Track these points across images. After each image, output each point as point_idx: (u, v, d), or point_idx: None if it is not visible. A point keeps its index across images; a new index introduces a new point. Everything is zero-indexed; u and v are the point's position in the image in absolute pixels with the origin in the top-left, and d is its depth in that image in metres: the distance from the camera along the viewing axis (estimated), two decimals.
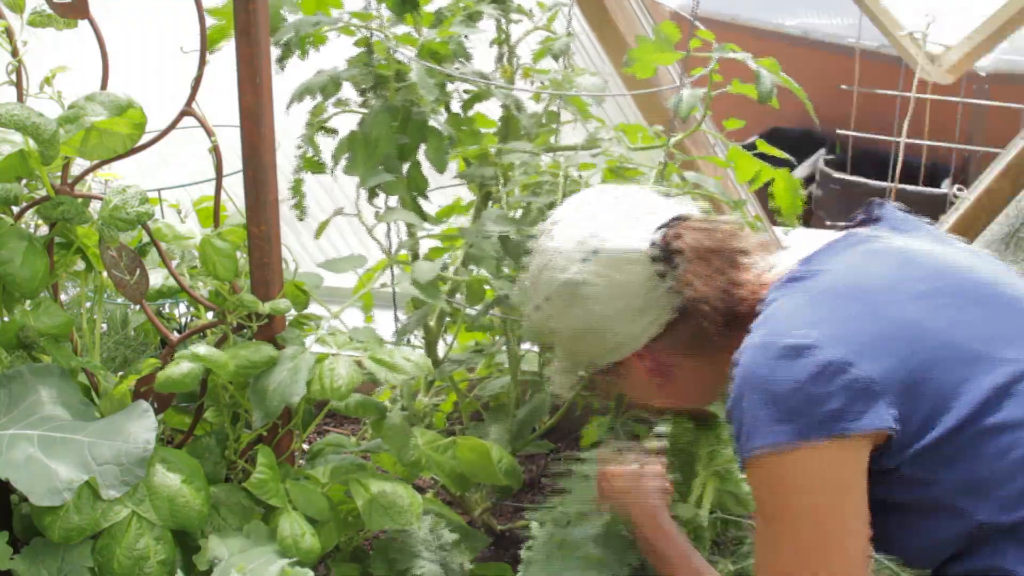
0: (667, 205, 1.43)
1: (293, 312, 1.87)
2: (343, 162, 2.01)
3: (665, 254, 1.36)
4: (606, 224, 1.40)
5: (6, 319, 1.77)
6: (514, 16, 2.01)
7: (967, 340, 1.22)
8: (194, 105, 1.70)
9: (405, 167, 2.04)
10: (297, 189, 2.06)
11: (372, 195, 2.08)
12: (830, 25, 4.76)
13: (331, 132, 2.06)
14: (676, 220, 1.39)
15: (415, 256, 2.14)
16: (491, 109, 2.09)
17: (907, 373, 1.19)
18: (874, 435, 1.19)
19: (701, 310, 1.34)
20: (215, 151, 1.73)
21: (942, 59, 2.66)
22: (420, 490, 2.11)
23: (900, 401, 1.18)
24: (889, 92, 3.33)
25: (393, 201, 2.10)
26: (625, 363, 1.42)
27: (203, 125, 1.70)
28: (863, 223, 1.41)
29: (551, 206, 1.82)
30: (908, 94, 2.76)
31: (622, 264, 1.36)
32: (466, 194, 2.27)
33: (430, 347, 2.17)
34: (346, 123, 2.08)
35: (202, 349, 1.70)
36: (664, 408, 1.58)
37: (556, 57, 1.99)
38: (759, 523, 1.29)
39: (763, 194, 2.17)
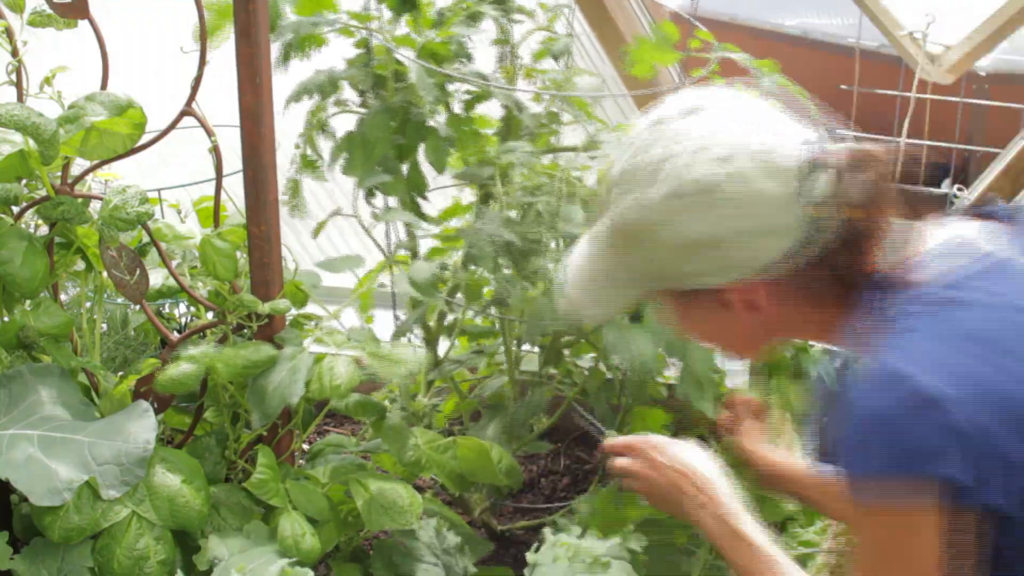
0: (806, 127, 1.22)
1: (293, 312, 1.88)
2: (341, 162, 2.01)
3: (818, 174, 1.16)
4: (754, 126, 1.19)
5: (6, 319, 1.77)
6: (515, 17, 2.01)
7: None
8: (194, 105, 1.70)
9: (405, 168, 2.05)
10: (295, 189, 2.05)
11: (370, 195, 2.08)
12: (830, 25, 4.75)
13: (330, 134, 2.06)
14: (824, 142, 1.20)
15: (414, 256, 2.14)
16: (493, 110, 2.08)
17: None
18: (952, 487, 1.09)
19: (837, 246, 1.17)
20: (215, 151, 1.73)
21: (942, 59, 2.65)
22: (420, 490, 2.11)
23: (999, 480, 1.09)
24: (889, 92, 3.32)
25: (393, 201, 2.10)
26: (717, 288, 1.22)
27: (203, 125, 1.70)
28: (1003, 219, 1.24)
29: (550, 207, 1.82)
30: (908, 94, 2.75)
31: (767, 175, 1.16)
32: (468, 195, 2.27)
33: (430, 347, 2.17)
34: (346, 123, 2.08)
35: (200, 350, 1.70)
36: (711, 345, 1.39)
37: (556, 58, 1.99)
38: (864, 549, 1.18)
39: None
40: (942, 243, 1.21)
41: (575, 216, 1.80)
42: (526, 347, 2.15)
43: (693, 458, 1.43)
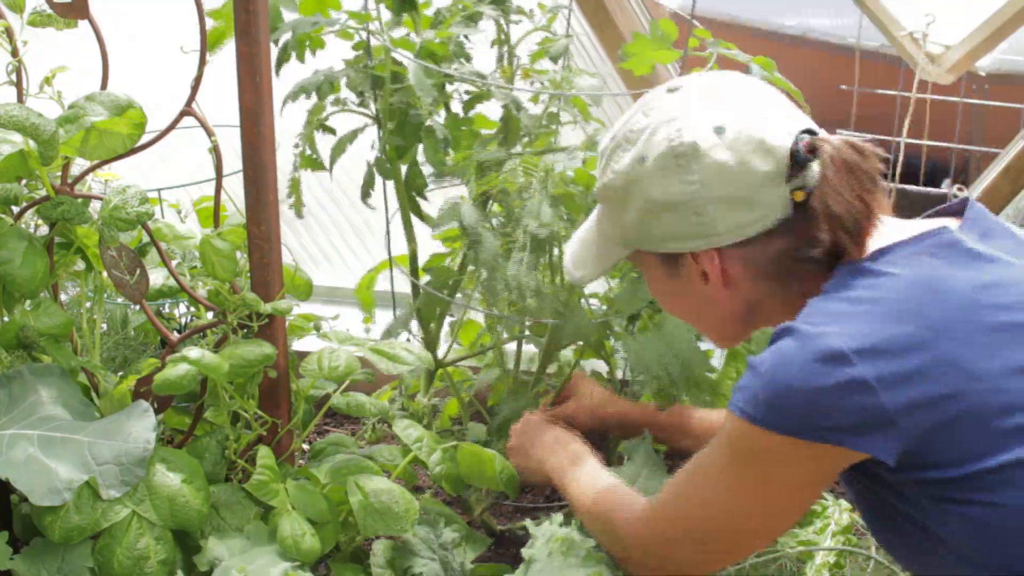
0: (802, 115, 1.32)
1: (295, 312, 1.88)
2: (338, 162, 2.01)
3: (804, 159, 1.24)
4: (746, 104, 1.28)
5: (6, 319, 1.77)
6: (514, 17, 2.01)
7: None
8: (194, 105, 1.70)
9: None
10: (295, 188, 2.06)
11: (365, 195, 2.08)
12: (830, 25, 4.75)
13: (330, 131, 2.06)
14: (811, 131, 1.28)
15: (413, 257, 2.14)
16: (493, 111, 2.08)
17: (934, 421, 1.14)
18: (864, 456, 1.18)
19: (818, 228, 1.23)
20: (215, 151, 1.73)
21: (942, 59, 2.65)
22: (419, 490, 2.12)
23: (913, 442, 1.15)
24: (889, 92, 3.33)
25: (393, 202, 2.10)
26: (694, 256, 1.31)
27: (203, 125, 1.70)
28: (953, 214, 1.32)
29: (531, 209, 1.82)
30: (908, 94, 2.76)
31: (753, 150, 1.24)
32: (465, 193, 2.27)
33: (430, 348, 2.17)
34: (345, 123, 2.08)
35: (194, 352, 1.70)
36: (691, 322, 1.48)
37: (554, 59, 1.99)
38: (711, 455, 1.30)
39: None
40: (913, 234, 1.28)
41: (546, 216, 1.79)
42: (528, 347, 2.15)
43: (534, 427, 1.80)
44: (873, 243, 1.26)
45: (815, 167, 1.24)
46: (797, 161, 1.24)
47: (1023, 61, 4.07)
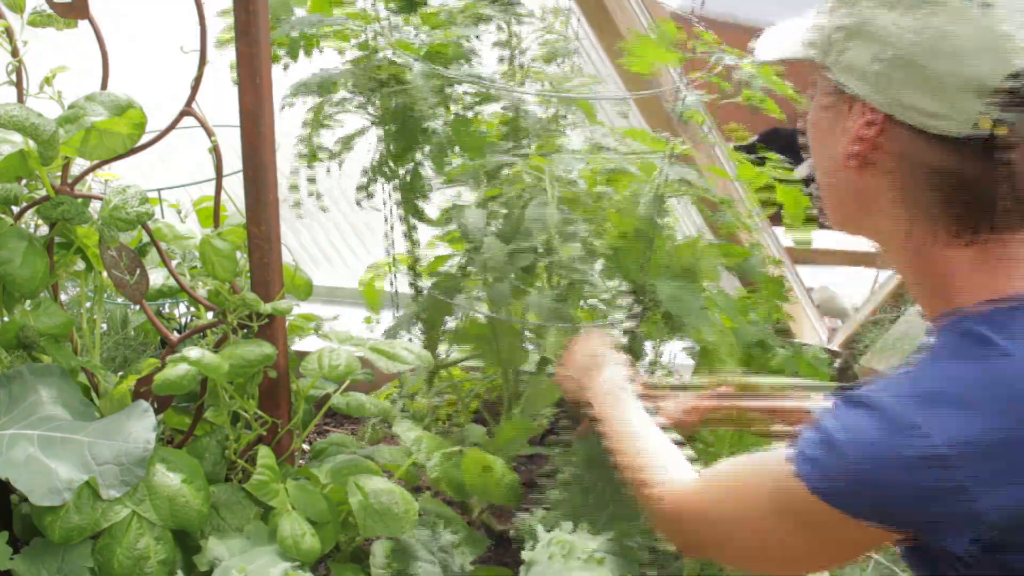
0: None
1: (295, 312, 1.88)
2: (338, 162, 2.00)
3: (1021, 96, 1.03)
4: (1017, 7, 1.05)
5: (6, 319, 1.77)
6: (518, 19, 2.00)
7: None
8: (194, 105, 1.70)
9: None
10: (293, 188, 2.05)
11: (360, 198, 2.08)
12: None
13: (337, 124, 2.06)
14: None
15: (414, 258, 2.14)
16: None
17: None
18: None
19: (992, 175, 1.05)
20: (215, 151, 1.73)
21: None
22: (419, 490, 2.11)
23: (997, 535, 1.05)
24: None
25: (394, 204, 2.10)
26: (862, 106, 1.11)
27: (203, 125, 1.70)
28: None
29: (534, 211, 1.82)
30: None
31: (987, 46, 1.04)
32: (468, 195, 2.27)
33: (430, 348, 2.17)
34: (346, 124, 2.08)
35: (194, 352, 1.70)
36: (821, 168, 1.26)
37: (551, 61, 1.98)
38: (758, 478, 1.17)
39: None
40: None
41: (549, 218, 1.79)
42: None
43: (598, 346, 1.65)
44: (997, 276, 1.11)
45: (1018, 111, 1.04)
46: (1019, 95, 1.03)
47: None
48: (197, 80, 1.69)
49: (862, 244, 1.27)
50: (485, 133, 2.01)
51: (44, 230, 1.81)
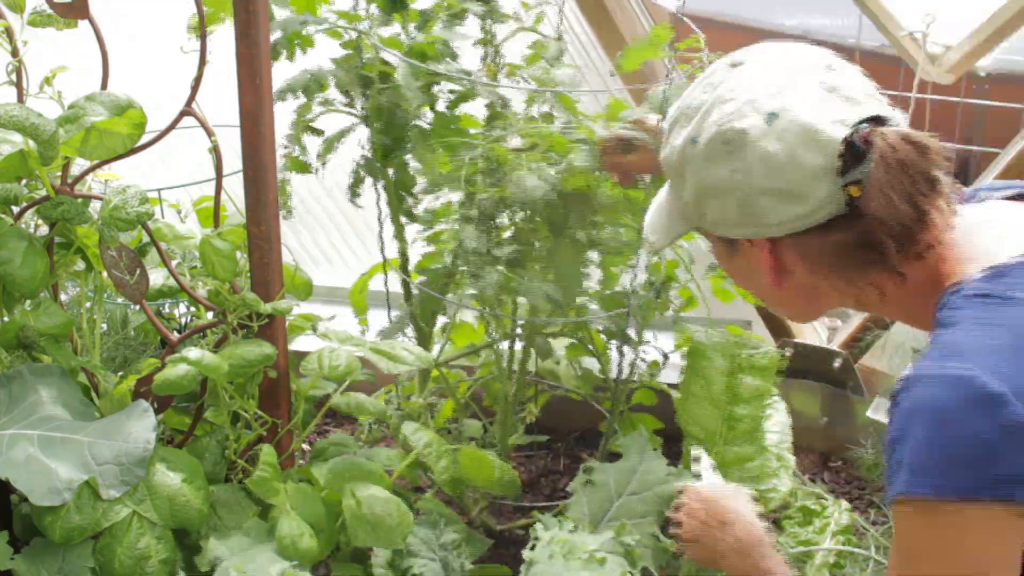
0: (873, 97, 1.21)
1: (295, 312, 1.88)
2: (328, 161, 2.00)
3: (857, 153, 1.14)
4: (805, 90, 1.17)
5: (6, 319, 1.77)
6: (499, 16, 2.00)
7: None
8: (194, 105, 1.70)
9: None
10: (282, 189, 2.05)
11: (353, 194, 2.08)
12: (830, 25, 4.75)
13: (317, 132, 2.05)
14: (878, 119, 1.17)
15: (404, 256, 2.14)
16: (479, 110, 2.07)
17: None
18: None
19: (871, 229, 1.14)
20: (215, 151, 1.73)
21: (942, 59, 2.65)
22: (420, 490, 2.12)
23: None
24: (889, 92, 3.32)
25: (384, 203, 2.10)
26: (747, 243, 1.24)
27: (203, 125, 1.70)
28: None
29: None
30: (908, 94, 2.75)
31: (804, 141, 1.15)
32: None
33: (423, 347, 2.17)
34: (334, 123, 2.07)
35: (194, 353, 1.70)
36: (754, 294, 1.39)
37: (550, 61, 1.98)
38: (897, 559, 1.17)
39: None
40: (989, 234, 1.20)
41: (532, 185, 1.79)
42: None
43: (736, 508, 1.53)
44: (971, 249, 1.18)
45: (867, 162, 1.14)
46: (854, 154, 1.14)
47: (1023, 61, 4.07)
48: (197, 80, 1.69)
49: None
50: (469, 131, 2.01)
51: (44, 230, 1.81)
